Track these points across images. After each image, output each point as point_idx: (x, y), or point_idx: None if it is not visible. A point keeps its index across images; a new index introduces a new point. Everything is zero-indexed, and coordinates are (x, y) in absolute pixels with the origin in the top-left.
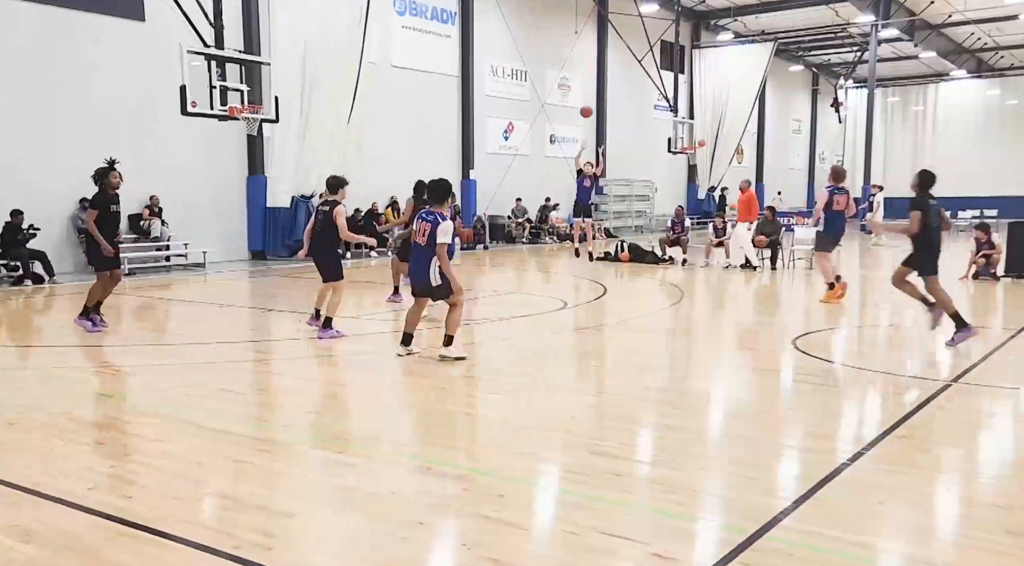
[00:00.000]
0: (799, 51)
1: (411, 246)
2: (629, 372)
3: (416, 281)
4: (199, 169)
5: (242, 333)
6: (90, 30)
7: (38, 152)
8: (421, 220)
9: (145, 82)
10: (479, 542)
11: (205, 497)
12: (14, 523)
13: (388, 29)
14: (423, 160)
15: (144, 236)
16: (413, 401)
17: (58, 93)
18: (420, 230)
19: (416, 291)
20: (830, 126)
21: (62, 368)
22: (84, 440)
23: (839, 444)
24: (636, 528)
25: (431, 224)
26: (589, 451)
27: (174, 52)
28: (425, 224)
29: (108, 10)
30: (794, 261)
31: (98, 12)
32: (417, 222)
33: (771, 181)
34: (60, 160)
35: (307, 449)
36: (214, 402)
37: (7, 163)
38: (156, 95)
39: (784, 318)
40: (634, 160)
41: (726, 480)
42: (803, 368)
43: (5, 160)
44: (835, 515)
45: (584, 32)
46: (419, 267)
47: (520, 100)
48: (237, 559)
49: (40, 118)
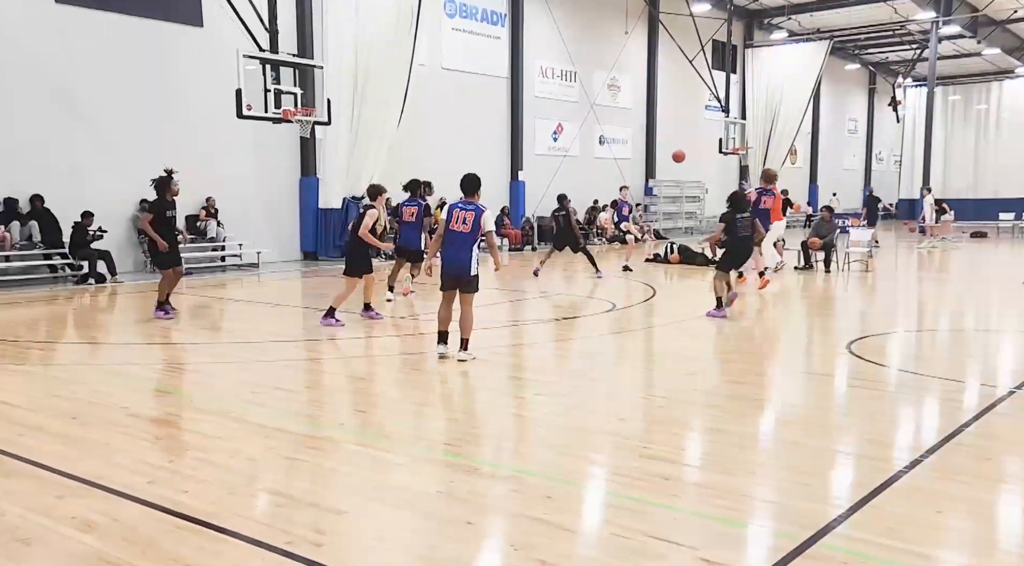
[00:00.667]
0: (855, 49)
1: (446, 237)
2: (678, 375)
3: (454, 269)
4: (253, 171)
5: (294, 332)
6: (152, 36)
7: (102, 155)
8: (460, 210)
9: (202, 86)
10: (527, 543)
11: (259, 493)
12: (75, 514)
13: (439, 31)
14: (472, 161)
15: (200, 236)
16: (462, 401)
17: (122, 98)
18: (460, 219)
19: (450, 282)
20: (887, 126)
21: (123, 365)
22: (143, 435)
23: (895, 451)
24: (685, 532)
25: (474, 212)
26: (637, 454)
27: (230, 56)
28: (467, 213)
29: (169, 17)
30: (848, 263)
31: (159, 19)
32: (455, 212)
33: (825, 182)
34: (122, 163)
35: (357, 447)
36: (267, 400)
37: (77, 166)
38: (213, 99)
39: (839, 321)
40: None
41: (777, 486)
42: (858, 373)
43: (75, 163)
44: (891, 524)
45: (634, 32)
46: (460, 255)
47: (569, 101)
48: (289, 555)
49: (105, 121)
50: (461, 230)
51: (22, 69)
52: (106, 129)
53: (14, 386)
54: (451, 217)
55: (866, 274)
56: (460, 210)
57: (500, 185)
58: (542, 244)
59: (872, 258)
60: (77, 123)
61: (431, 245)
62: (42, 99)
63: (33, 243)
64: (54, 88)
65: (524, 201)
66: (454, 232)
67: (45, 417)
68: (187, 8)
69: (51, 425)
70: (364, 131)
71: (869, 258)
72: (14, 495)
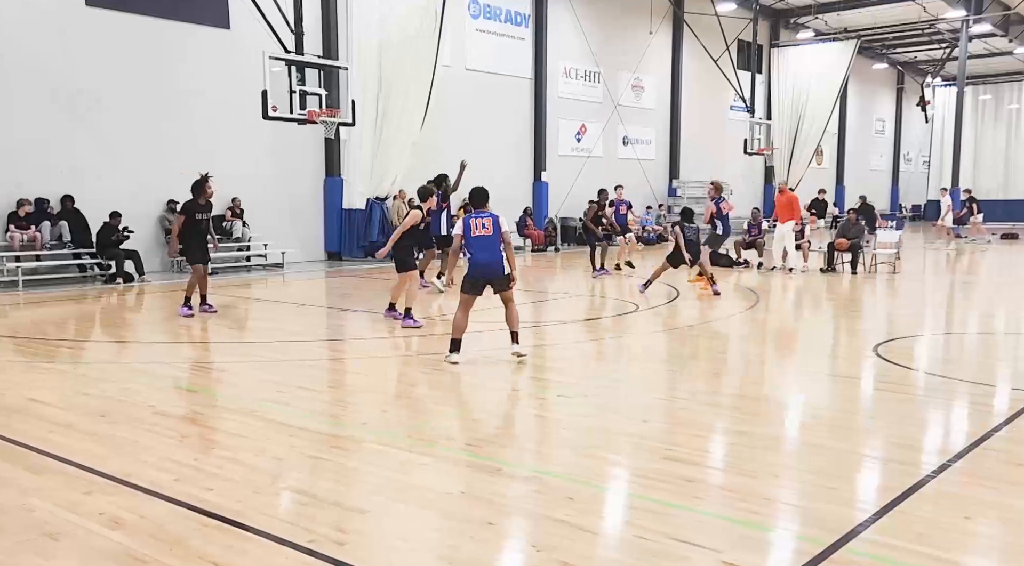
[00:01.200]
0: (883, 49)
1: (473, 245)
2: (702, 377)
3: (487, 272)
4: (279, 172)
5: (318, 332)
6: (179, 39)
7: (131, 156)
8: (476, 219)
9: (228, 88)
10: (549, 545)
11: (283, 492)
12: (103, 511)
13: (462, 32)
14: (495, 162)
15: (226, 237)
16: (484, 402)
17: (151, 99)
18: (480, 225)
19: (480, 286)
20: (915, 126)
21: (150, 363)
22: (169, 433)
23: (923, 455)
24: (708, 535)
25: (491, 218)
26: (660, 456)
27: (256, 58)
28: (484, 219)
29: (197, 19)
30: (876, 265)
31: (188, 21)
32: (473, 221)
33: (852, 183)
34: (151, 164)
35: (380, 447)
36: (291, 399)
37: (107, 167)
38: (239, 100)
39: (865, 323)
40: (709, 161)
41: (802, 489)
42: (885, 376)
43: (105, 164)
44: (918, 529)
45: (659, 32)
46: (491, 257)
47: (593, 102)
48: (313, 553)
49: (134, 123)
50: (484, 234)
51: (54, 72)
52: (134, 131)
53: (44, 384)
54: (470, 227)
55: (893, 276)
56: (476, 219)
57: (523, 186)
58: (565, 245)
59: (899, 260)
60: (106, 125)
61: (448, 265)
62: (73, 101)
63: (63, 243)
64: (84, 90)
65: (547, 202)
66: (479, 238)
67: (74, 415)
68: (214, 11)
69: (80, 422)
70: (388, 132)
71: (896, 260)
72: (43, 491)
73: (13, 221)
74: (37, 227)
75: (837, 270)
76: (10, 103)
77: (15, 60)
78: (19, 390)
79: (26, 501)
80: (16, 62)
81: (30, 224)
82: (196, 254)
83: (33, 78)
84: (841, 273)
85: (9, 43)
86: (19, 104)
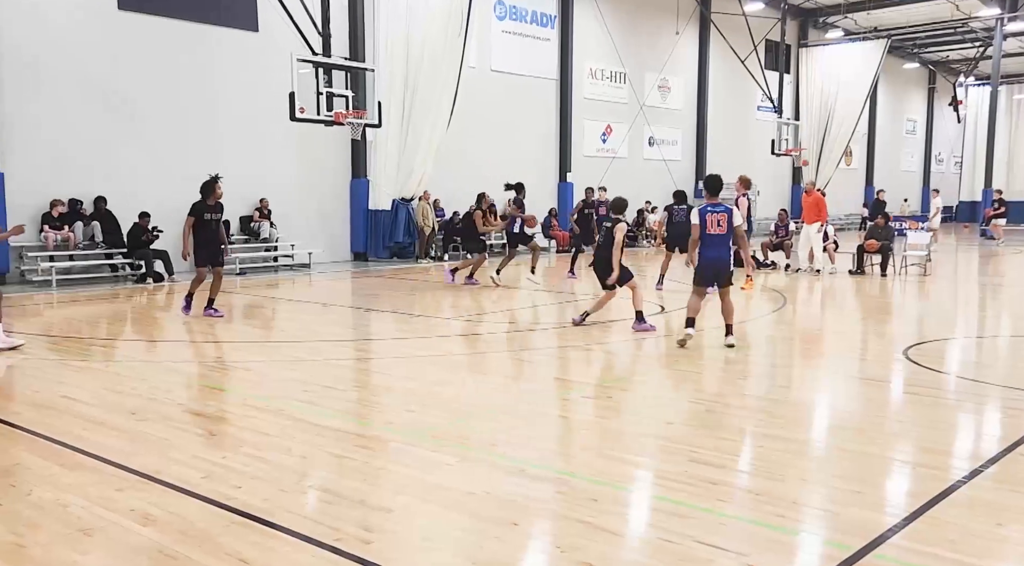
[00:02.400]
0: (914, 48)
1: (705, 240)
2: (728, 379)
3: (721, 267)
4: (305, 173)
5: (344, 332)
6: (209, 42)
7: (161, 157)
8: (713, 212)
9: (256, 90)
10: (573, 546)
11: (309, 490)
12: (135, 507)
13: (488, 33)
14: (520, 163)
15: (254, 237)
16: (509, 402)
17: (180, 101)
18: (716, 222)
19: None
20: (947, 126)
21: (179, 362)
22: (198, 431)
23: (954, 460)
24: (733, 539)
25: (727, 214)
26: (685, 458)
27: (284, 61)
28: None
29: (226, 22)
30: (906, 267)
31: (217, 24)
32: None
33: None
34: (179, 164)
35: (405, 447)
36: (318, 398)
37: (137, 168)
38: (266, 102)
39: (895, 326)
40: (735, 162)
41: (829, 493)
42: (915, 379)
43: (136, 165)
44: (949, 535)
45: (685, 33)
46: (725, 255)
47: (619, 102)
48: (339, 552)
49: (164, 124)
50: (719, 232)
51: (87, 74)
52: (165, 132)
53: (78, 382)
54: (706, 222)
55: (923, 278)
56: (712, 214)
57: (548, 186)
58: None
59: (930, 261)
60: (138, 126)
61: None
62: (105, 103)
63: (95, 243)
64: (116, 92)
65: (572, 203)
66: (713, 236)
67: (106, 412)
68: (243, 14)
69: (112, 420)
70: (413, 133)
71: (927, 261)
72: (78, 487)
73: (47, 221)
74: (70, 227)
75: (866, 272)
76: (43, 105)
77: (47, 63)
78: (53, 388)
79: (61, 497)
80: (49, 65)
81: (63, 224)
82: (203, 255)
83: (65, 80)
84: (870, 275)
85: (41, 45)
86: (52, 106)
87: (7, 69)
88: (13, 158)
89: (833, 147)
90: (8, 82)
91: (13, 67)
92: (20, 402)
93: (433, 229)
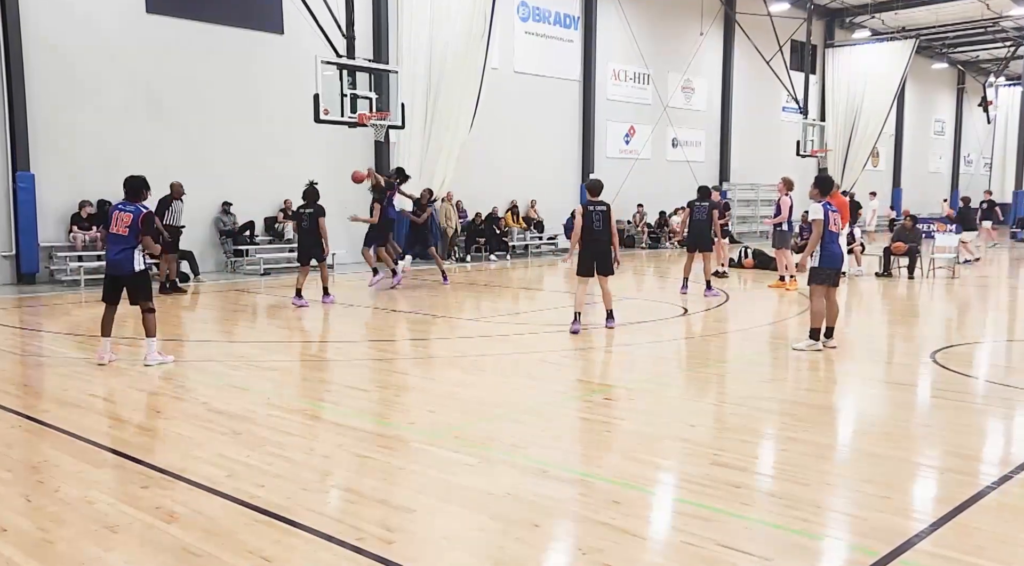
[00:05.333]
0: (943, 48)
1: (832, 236)
2: (751, 382)
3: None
4: (329, 174)
5: (367, 333)
6: (235, 44)
7: (188, 158)
8: (834, 211)
9: (281, 92)
10: (595, 547)
11: (331, 489)
12: (160, 505)
13: (511, 35)
14: (543, 164)
15: (278, 238)
16: (531, 404)
17: (206, 103)
18: (834, 221)
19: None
20: (977, 127)
21: (203, 361)
22: (222, 430)
23: (983, 466)
24: (756, 542)
25: (837, 213)
26: (708, 461)
27: (309, 63)
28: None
29: (252, 25)
30: (934, 270)
31: (242, 27)
32: (832, 214)
33: (909, 185)
34: (206, 166)
35: (426, 447)
36: (340, 398)
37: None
38: (291, 104)
39: (922, 329)
40: (760, 164)
41: (854, 498)
42: (942, 383)
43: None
44: (978, 541)
45: (710, 33)
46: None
47: (642, 103)
48: (360, 551)
49: (190, 126)
50: (835, 231)
51: (116, 77)
52: (191, 134)
53: (104, 380)
54: (829, 219)
55: (952, 280)
56: (834, 212)
57: (571, 188)
58: None
59: (959, 264)
60: (165, 128)
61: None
62: (134, 105)
63: None
64: (144, 95)
65: None
66: (833, 233)
67: (132, 411)
68: (269, 17)
69: (137, 418)
70: (436, 134)
71: (956, 264)
72: (103, 484)
73: (76, 222)
74: (98, 228)
75: (893, 274)
76: (73, 108)
77: (77, 66)
78: (81, 386)
79: (87, 493)
80: (78, 68)
81: (92, 225)
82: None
83: (94, 83)
84: (897, 278)
85: (72, 49)
86: (82, 109)
87: (38, 72)
88: (45, 160)
89: (859, 148)
90: (39, 85)
91: (44, 70)
92: (49, 400)
93: (456, 230)
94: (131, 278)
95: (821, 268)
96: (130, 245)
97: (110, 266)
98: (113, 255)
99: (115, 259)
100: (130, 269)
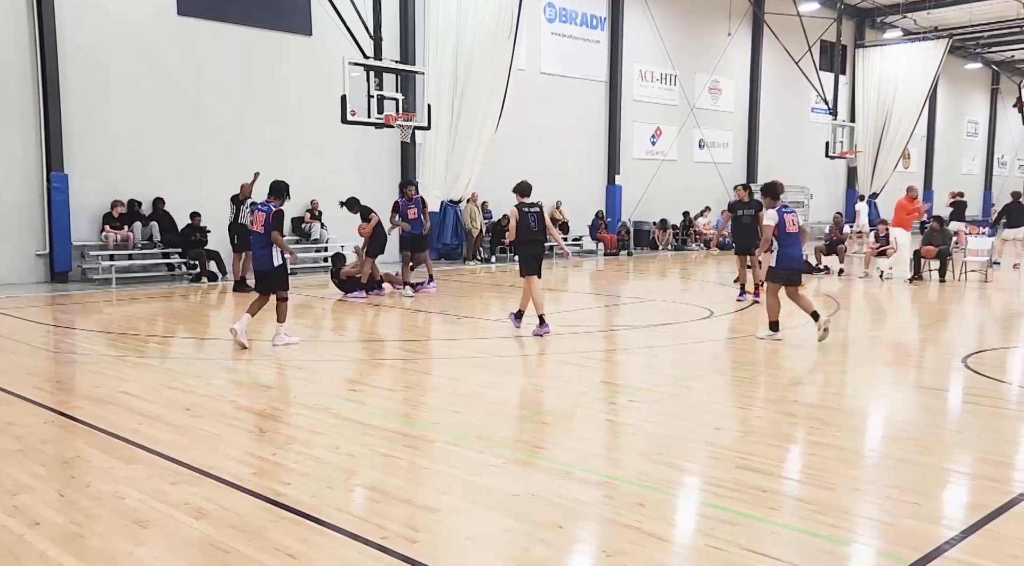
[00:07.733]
0: (977, 47)
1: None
2: (778, 385)
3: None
4: (356, 175)
5: (392, 332)
6: (264, 45)
7: (217, 159)
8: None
9: (309, 93)
10: (619, 550)
11: (356, 488)
12: (188, 501)
13: (538, 36)
14: (569, 165)
15: (305, 238)
16: (555, 405)
17: (236, 104)
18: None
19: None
20: (1011, 128)
21: (232, 360)
22: (249, 428)
23: (1015, 473)
24: (783, 547)
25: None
26: (734, 464)
27: (336, 64)
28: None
29: (281, 27)
30: (966, 273)
31: (273, 29)
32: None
33: (941, 187)
34: (234, 167)
35: (451, 447)
36: (366, 397)
37: (194, 169)
38: (318, 105)
39: (953, 334)
40: (788, 165)
41: (882, 504)
42: (974, 388)
43: (193, 167)
44: (1010, 550)
45: (738, 34)
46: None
47: (669, 104)
48: (385, 550)
49: (220, 127)
50: (794, 231)
51: (148, 78)
52: (221, 135)
53: (135, 377)
54: (785, 221)
55: (984, 284)
56: (789, 213)
57: (597, 189)
58: (638, 249)
59: (992, 268)
60: (195, 129)
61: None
62: (165, 106)
63: (153, 243)
64: (176, 96)
65: (620, 206)
66: (792, 234)
67: (162, 408)
68: (298, 18)
69: (167, 415)
70: (462, 135)
71: (988, 267)
72: (133, 480)
73: (108, 222)
74: (130, 227)
75: (924, 278)
76: (106, 109)
77: (110, 67)
78: (112, 383)
79: (118, 489)
80: (111, 69)
81: (123, 224)
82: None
83: (126, 84)
84: (928, 281)
85: (105, 50)
86: (114, 110)
87: (72, 74)
88: (78, 160)
89: (890, 150)
90: (72, 86)
91: (78, 72)
92: (81, 397)
93: (481, 231)
94: (270, 272)
95: (778, 268)
96: (267, 242)
97: (254, 261)
98: (255, 252)
99: (257, 255)
100: (269, 265)
